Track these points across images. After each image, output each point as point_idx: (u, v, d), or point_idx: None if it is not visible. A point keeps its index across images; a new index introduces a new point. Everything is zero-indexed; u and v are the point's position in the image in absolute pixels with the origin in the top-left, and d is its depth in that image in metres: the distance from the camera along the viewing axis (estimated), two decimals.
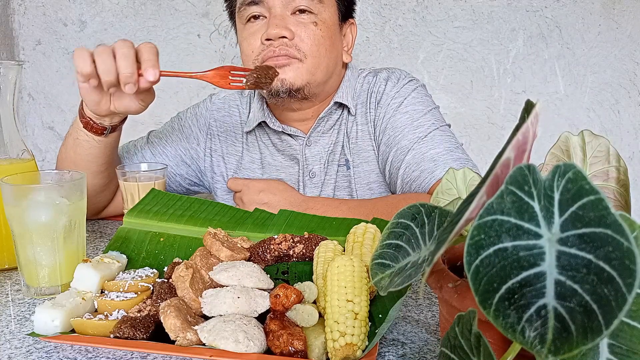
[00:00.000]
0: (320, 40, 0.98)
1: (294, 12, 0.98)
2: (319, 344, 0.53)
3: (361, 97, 1.07)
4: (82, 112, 0.91)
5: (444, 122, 1.04)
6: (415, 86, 1.06)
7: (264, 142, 1.12)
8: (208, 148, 1.15)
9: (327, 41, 1.00)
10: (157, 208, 0.84)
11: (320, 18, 0.99)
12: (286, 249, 0.74)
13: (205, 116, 1.16)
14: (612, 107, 1.65)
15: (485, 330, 0.34)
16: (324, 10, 0.99)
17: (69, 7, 1.79)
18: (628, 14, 1.59)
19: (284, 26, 0.96)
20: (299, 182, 1.09)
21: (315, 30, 0.98)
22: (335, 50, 1.02)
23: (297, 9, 0.97)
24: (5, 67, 0.78)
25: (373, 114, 1.06)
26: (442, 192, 0.52)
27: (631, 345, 0.32)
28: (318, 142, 1.08)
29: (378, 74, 1.08)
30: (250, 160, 1.12)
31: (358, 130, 1.06)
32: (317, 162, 1.08)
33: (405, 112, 1.02)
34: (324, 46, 0.99)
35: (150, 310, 0.58)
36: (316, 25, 0.98)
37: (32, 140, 1.88)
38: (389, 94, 1.05)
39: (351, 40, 1.09)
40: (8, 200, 0.68)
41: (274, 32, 0.95)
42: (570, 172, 0.31)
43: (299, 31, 0.97)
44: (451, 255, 0.50)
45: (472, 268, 0.31)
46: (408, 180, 0.98)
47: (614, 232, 0.29)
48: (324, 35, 0.99)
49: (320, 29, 0.98)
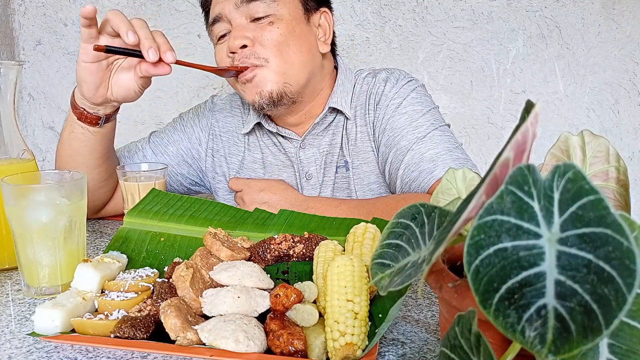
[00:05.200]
0: (280, 39, 0.97)
1: (253, 20, 0.97)
2: (319, 344, 0.53)
3: (360, 98, 1.07)
4: (74, 103, 0.91)
5: (444, 122, 1.03)
6: (414, 86, 1.05)
7: (264, 142, 1.12)
8: (210, 148, 1.15)
9: (290, 37, 0.98)
10: (158, 208, 0.84)
11: (277, 17, 0.97)
12: (286, 249, 0.74)
13: (207, 116, 1.16)
14: (612, 107, 1.65)
15: (485, 330, 0.34)
16: (280, 8, 0.97)
17: (69, 7, 1.79)
18: (628, 14, 1.59)
19: (242, 35, 0.96)
20: (296, 184, 1.09)
21: (273, 30, 0.96)
22: (304, 43, 1.00)
23: (254, 17, 0.97)
24: (5, 67, 0.78)
25: (372, 116, 1.05)
26: (442, 192, 0.52)
27: (631, 345, 0.32)
28: (313, 144, 1.08)
29: (377, 75, 1.08)
30: (252, 160, 1.12)
31: (357, 131, 1.06)
32: (313, 164, 1.08)
33: (404, 112, 1.02)
34: (286, 43, 0.97)
35: (150, 310, 0.58)
36: (273, 24, 0.97)
37: (32, 140, 1.88)
38: (388, 95, 1.04)
39: (328, 29, 1.05)
40: (8, 200, 0.68)
41: (234, 45, 0.96)
42: (570, 172, 0.31)
43: (258, 36, 0.96)
44: (451, 255, 0.50)
45: (472, 268, 0.31)
46: (407, 180, 0.98)
47: (614, 232, 0.29)
48: (283, 33, 0.97)
49: (278, 27, 0.97)
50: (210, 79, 1.77)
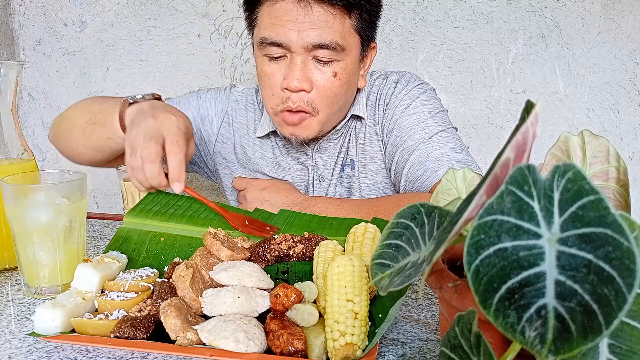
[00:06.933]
0: (337, 91, 0.96)
1: (314, 57, 0.93)
2: (319, 344, 0.53)
3: (370, 99, 1.08)
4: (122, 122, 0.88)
5: (451, 125, 1.04)
6: (424, 89, 1.06)
7: (276, 143, 1.12)
8: (221, 135, 1.15)
9: (344, 87, 0.97)
10: (158, 208, 0.84)
11: (342, 66, 0.95)
12: (286, 249, 0.74)
13: (224, 103, 1.15)
14: (612, 107, 1.65)
15: (485, 330, 0.34)
16: (346, 57, 0.95)
17: (69, 7, 1.79)
18: (628, 14, 1.59)
19: (304, 78, 0.93)
20: (307, 186, 1.10)
21: (334, 82, 0.94)
22: (351, 88, 1.00)
23: (317, 58, 0.93)
24: (5, 67, 0.78)
25: (381, 116, 1.06)
26: (442, 192, 0.52)
27: (631, 345, 0.32)
28: (329, 147, 1.08)
29: (388, 77, 1.08)
30: (260, 156, 1.13)
31: (366, 131, 1.07)
32: (327, 167, 1.09)
33: (412, 113, 1.03)
34: (339, 95, 0.97)
35: (150, 310, 0.58)
36: (335, 75, 0.94)
37: (32, 140, 1.88)
38: (398, 96, 1.05)
39: (369, 63, 1.04)
40: (8, 200, 0.68)
41: (293, 85, 0.92)
42: (570, 172, 0.31)
43: (317, 82, 0.94)
44: (451, 255, 0.50)
45: (472, 268, 0.31)
46: (412, 178, 0.99)
47: (614, 232, 0.29)
48: (342, 84, 0.96)
49: (339, 79, 0.95)
50: (210, 79, 1.77)
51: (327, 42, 0.91)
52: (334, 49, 0.92)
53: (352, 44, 0.95)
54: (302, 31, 0.91)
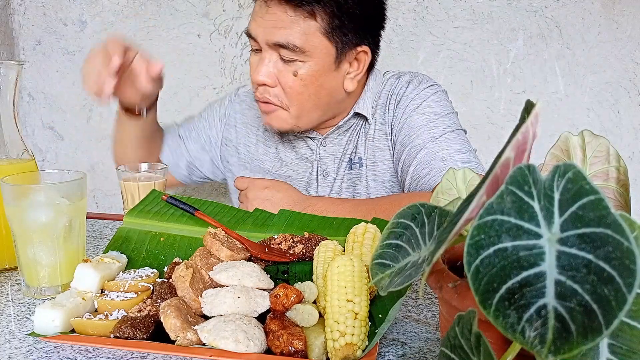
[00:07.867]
0: (300, 90, 0.97)
1: (279, 54, 0.96)
2: (319, 344, 0.53)
3: (381, 98, 1.08)
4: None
5: (460, 127, 1.05)
6: (435, 90, 1.07)
7: (280, 137, 1.14)
8: (223, 137, 1.20)
9: (311, 88, 0.98)
10: (158, 208, 0.84)
11: (305, 68, 0.96)
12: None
13: (226, 106, 1.22)
14: (612, 107, 1.65)
15: (485, 330, 0.34)
16: (310, 60, 0.95)
17: (69, 7, 1.79)
18: (628, 14, 1.59)
19: (266, 73, 0.97)
20: (311, 181, 1.11)
21: (295, 81, 0.97)
22: (324, 90, 0.99)
23: (281, 57, 0.96)
24: (5, 67, 0.78)
25: (391, 115, 1.07)
26: (442, 192, 0.52)
27: (631, 345, 0.32)
28: (334, 143, 1.10)
29: (401, 77, 1.09)
30: (264, 153, 1.15)
31: (375, 130, 1.07)
32: (332, 163, 1.10)
33: (422, 113, 1.03)
34: (306, 94, 0.98)
35: (150, 310, 0.58)
36: (296, 75, 0.96)
37: (32, 140, 1.88)
38: (409, 96, 1.05)
39: (362, 67, 1.02)
40: (8, 200, 0.68)
41: (255, 79, 0.98)
42: (570, 172, 0.31)
43: (279, 79, 0.97)
44: (451, 255, 0.50)
45: (472, 268, 0.31)
46: (417, 177, 0.99)
47: (614, 232, 0.29)
48: (306, 85, 0.97)
49: (301, 79, 0.96)
50: (210, 79, 1.77)
51: (284, 42, 0.94)
52: (293, 50, 0.94)
53: (319, 47, 0.95)
54: (266, 28, 0.95)
